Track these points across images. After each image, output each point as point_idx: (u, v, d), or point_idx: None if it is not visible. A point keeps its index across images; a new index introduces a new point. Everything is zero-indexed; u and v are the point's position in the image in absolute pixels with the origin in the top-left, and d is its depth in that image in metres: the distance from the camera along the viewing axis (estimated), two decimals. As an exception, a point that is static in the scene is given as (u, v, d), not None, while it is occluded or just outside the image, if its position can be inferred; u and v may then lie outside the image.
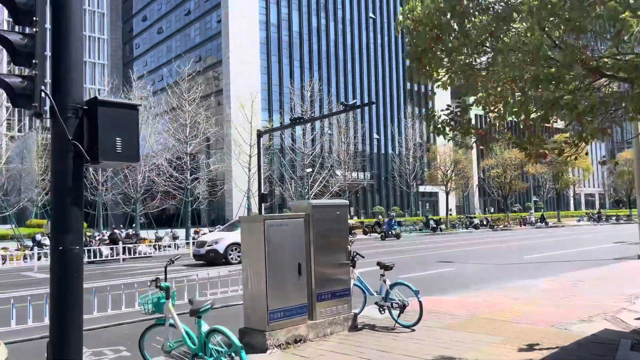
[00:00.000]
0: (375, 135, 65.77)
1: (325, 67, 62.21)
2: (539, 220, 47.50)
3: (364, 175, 61.30)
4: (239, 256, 16.70)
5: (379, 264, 7.17)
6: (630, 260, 14.64)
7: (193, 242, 22.32)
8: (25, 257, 20.85)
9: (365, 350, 5.82)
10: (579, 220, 55.41)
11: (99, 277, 14.50)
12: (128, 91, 35.01)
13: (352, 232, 33.27)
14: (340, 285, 6.73)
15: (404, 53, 68.72)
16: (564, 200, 76.51)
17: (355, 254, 7.22)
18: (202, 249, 18.10)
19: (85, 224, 40.01)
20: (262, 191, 28.40)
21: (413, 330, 6.64)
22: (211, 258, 17.49)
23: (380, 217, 38.41)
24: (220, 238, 18.28)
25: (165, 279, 5.29)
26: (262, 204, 28.56)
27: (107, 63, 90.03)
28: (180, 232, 30.75)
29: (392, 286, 6.99)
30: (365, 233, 35.23)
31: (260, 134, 28.81)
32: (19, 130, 58.29)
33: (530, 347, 5.65)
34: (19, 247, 23.31)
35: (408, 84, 69.52)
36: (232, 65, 55.15)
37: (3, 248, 22.16)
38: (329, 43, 62.75)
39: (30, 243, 23.17)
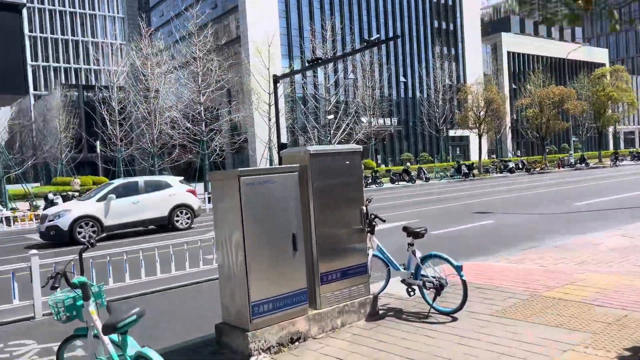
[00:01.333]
0: (402, 79, 62.48)
1: (347, 8, 58.49)
2: (578, 161, 44.54)
3: (391, 121, 58.74)
4: (94, 232, 13.65)
5: (406, 229, 5.37)
6: None
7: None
8: (34, 218, 19.88)
9: (391, 355, 4.13)
10: (622, 160, 52.01)
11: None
12: (139, 43, 33.08)
13: (378, 181, 31.45)
14: (353, 260, 4.99)
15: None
16: (604, 139, 72.40)
17: (373, 216, 5.42)
18: (43, 225, 13.84)
19: (107, 180, 39.48)
20: (282, 141, 26.63)
21: (455, 319, 4.89)
22: (52, 237, 13.57)
23: (408, 164, 36.35)
24: (64, 210, 13.94)
25: (82, 271, 3.64)
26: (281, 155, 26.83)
27: (123, 16, 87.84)
28: (199, 187, 29.47)
29: (424, 259, 5.21)
30: (392, 182, 33.34)
31: (276, 79, 26.71)
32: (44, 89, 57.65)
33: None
34: (30, 206, 22.38)
35: (435, 22, 65.22)
36: (248, 10, 52.17)
37: (12, 209, 21.24)
38: (350, -19, 58.69)
39: (42, 202, 22.16)
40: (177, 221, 15.11)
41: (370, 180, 31.65)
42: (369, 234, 5.40)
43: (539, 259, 7.52)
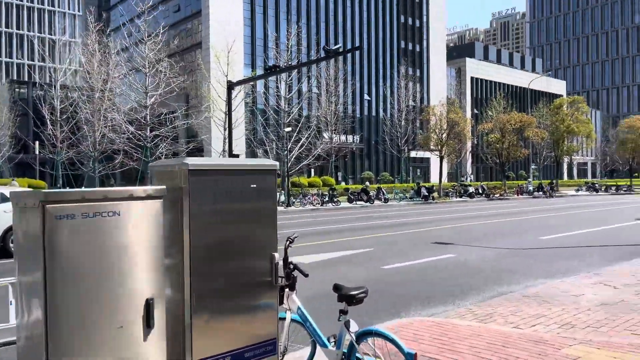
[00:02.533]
0: (366, 97, 61.77)
1: (315, 23, 57.49)
2: (536, 189, 44.47)
3: (353, 138, 57.68)
4: None
5: (337, 289, 3.66)
6: (682, 248, 11.41)
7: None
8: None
9: None
10: (578, 190, 52.52)
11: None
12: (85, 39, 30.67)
13: (335, 199, 29.96)
14: (254, 334, 3.28)
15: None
16: (559, 168, 73.73)
17: (292, 266, 3.73)
18: None
19: (44, 184, 36.35)
20: (236, 152, 24.82)
21: None
22: None
23: (367, 183, 35.07)
24: None
25: None
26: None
27: (81, 14, 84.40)
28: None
29: (361, 336, 3.52)
30: (350, 201, 31.90)
31: (231, 86, 24.95)
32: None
33: None
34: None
35: (402, 43, 65.10)
36: (212, 15, 50.31)
37: None
38: (318, -5, 57.76)
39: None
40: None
41: (327, 199, 30.11)
42: (286, 290, 3.72)
43: (512, 315, 6.01)
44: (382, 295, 7.47)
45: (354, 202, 31.74)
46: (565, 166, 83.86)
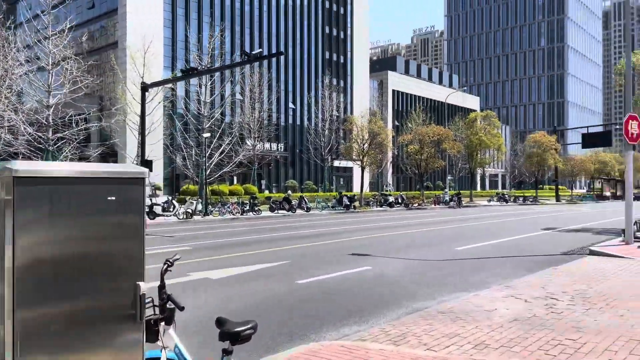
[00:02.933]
0: (290, 105, 61.56)
1: (239, 28, 56.51)
2: (452, 199, 46.23)
3: (277, 146, 57.17)
4: None
5: (220, 324, 3.01)
6: (585, 258, 11.86)
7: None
8: None
9: None
10: (490, 200, 55.36)
11: None
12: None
13: (257, 208, 29.17)
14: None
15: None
16: (473, 179, 77.51)
17: (166, 296, 3.07)
18: None
19: None
20: (146, 157, 23.42)
21: None
22: None
23: (289, 192, 34.59)
24: None
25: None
26: (146, 174, 23.46)
27: (-17, 4, 77.47)
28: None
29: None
30: (272, 210, 31.25)
31: (145, 87, 23.61)
32: None
33: None
34: None
35: (327, 53, 65.71)
36: (129, 14, 47.86)
37: None
38: (243, 0, 56.86)
39: None
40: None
41: (247, 208, 29.25)
42: (162, 324, 3.06)
43: (426, 335, 5.68)
44: (293, 315, 6.93)
45: (276, 211, 31.13)
46: (478, 177, 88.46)
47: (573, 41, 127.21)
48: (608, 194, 67.13)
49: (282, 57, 60.18)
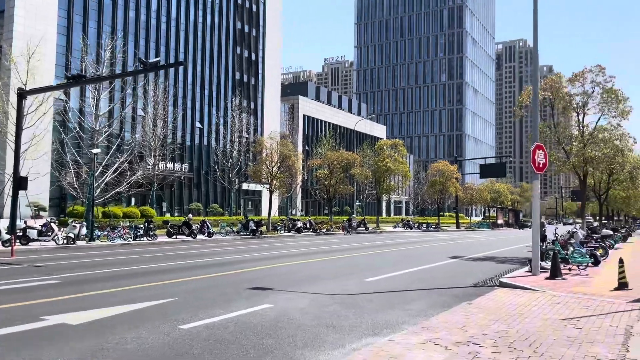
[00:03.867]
0: (197, 124, 58.98)
1: (144, 42, 53.42)
2: (359, 225, 46.22)
3: (182, 166, 54.22)
4: None
5: None
6: (496, 290, 11.33)
7: None
8: None
9: None
10: (395, 227, 56.31)
11: None
12: None
13: (152, 233, 26.65)
14: None
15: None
16: (380, 206, 79.01)
17: None
18: None
19: None
20: (20, 174, 20.43)
21: None
22: None
23: (190, 215, 32.26)
24: None
25: None
26: (18, 193, 20.51)
27: None
28: None
29: None
30: (170, 235, 28.77)
31: (23, 94, 20.73)
32: None
33: None
34: None
35: (237, 74, 64.25)
36: (17, 17, 43.28)
37: None
38: (150, 13, 54.01)
39: None
40: None
41: (141, 232, 26.59)
42: None
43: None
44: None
45: (175, 237, 28.71)
46: (384, 204, 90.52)
47: (470, 78, 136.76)
48: (501, 221, 71.40)
49: (189, 75, 57.80)
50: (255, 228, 32.94)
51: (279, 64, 75.08)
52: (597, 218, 39.45)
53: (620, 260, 11.24)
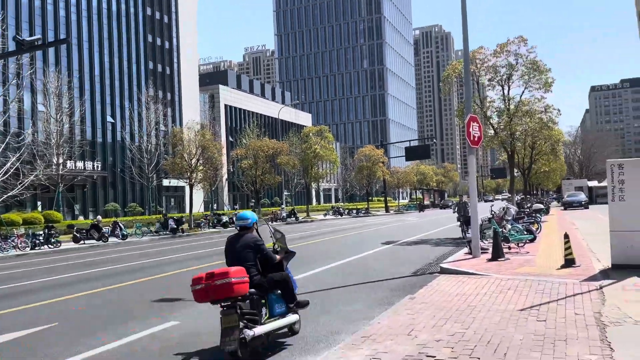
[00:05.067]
0: (109, 119, 54.59)
1: (40, 29, 48.27)
2: (289, 216, 44.76)
3: (94, 165, 49.95)
4: None
5: None
6: (438, 278, 10.19)
7: None
8: None
9: None
10: (325, 215, 55.41)
11: None
12: None
13: (54, 240, 23.59)
14: None
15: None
16: (309, 194, 78.03)
17: None
18: None
19: None
20: None
21: None
22: None
23: (99, 217, 29.22)
24: None
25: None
26: None
27: None
28: None
29: None
30: (76, 240, 25.72)
31: None
32: None
33: None
34: None
35: (150, 63, 60.15)
36: None
37: None
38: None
39: None
40: None
41: (41, 240, 23.44)
42: None
43: None
44: None
45: (82, 242, 25.71)
46: (314, 192, 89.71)
47: (391, 64, 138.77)
48: (428, 202, 72.76)
49: (96, 65, 53.23)
50: (175, 226, 30.48)
51: (195, 52, 71.49)
52: (522, 193, 40.63)
53: (566, 236, 10.48)
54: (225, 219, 35.74)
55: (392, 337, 5.98)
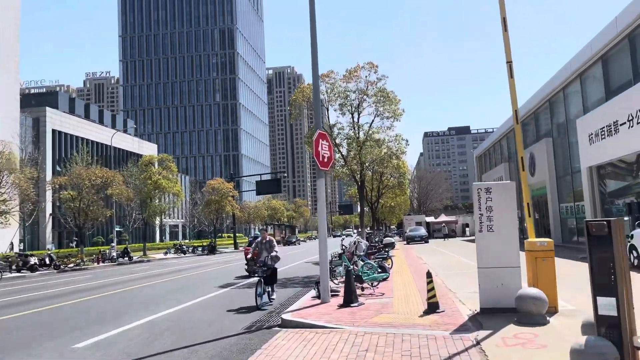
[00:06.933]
0: None
1: None
2: (121, 255, 39.16)
3: None
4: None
5: None
6: (278, 334, 7.69)
7: None
8: None
9: None
10: (166, 253, 50.29)
11: None
12: None
13: None
14: None
15: None
16: (150, 231, 71.59)
17: None
18: None
19: None
20: None
21: None
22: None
23: None
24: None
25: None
26: None
27: None
28: None
29: None
30: None
31: None
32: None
33: None
34: None
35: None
36: None
37: None
38: None
39: None
40: None
41: None
42: None
43: None
44: None
45: None
46: (157, 229, 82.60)
47: (244, 100, 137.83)
48: (279, 238, 71.08)
49: None
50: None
51: (17, 65, 61.99)
52: (369, 228, 40.77)
53: (429, 275, 8.79)
54: (33, 261, 29.40)
55: None
